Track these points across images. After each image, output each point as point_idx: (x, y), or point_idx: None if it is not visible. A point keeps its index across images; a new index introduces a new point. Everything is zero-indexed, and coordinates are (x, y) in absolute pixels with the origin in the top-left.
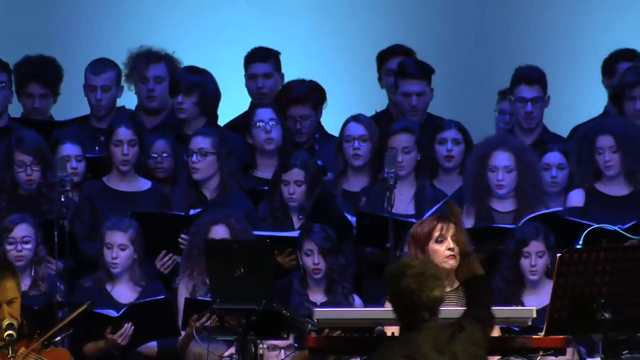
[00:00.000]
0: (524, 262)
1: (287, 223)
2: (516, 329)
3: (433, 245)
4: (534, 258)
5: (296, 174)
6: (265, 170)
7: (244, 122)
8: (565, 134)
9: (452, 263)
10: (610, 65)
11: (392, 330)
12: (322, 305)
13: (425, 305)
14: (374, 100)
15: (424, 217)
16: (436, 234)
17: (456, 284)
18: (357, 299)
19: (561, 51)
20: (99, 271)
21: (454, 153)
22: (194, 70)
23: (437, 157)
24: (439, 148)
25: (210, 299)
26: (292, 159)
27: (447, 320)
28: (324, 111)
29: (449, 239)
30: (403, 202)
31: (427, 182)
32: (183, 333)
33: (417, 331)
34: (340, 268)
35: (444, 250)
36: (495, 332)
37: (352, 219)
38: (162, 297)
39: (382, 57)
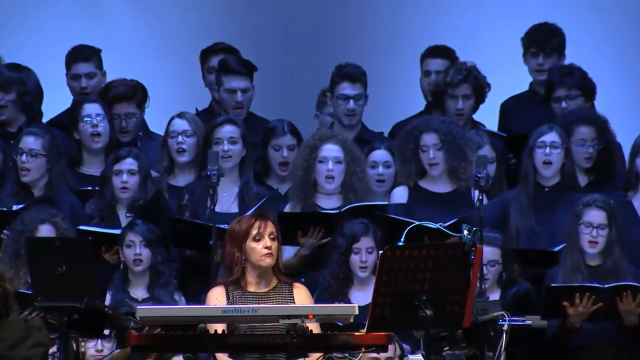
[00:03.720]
0: (354, 259)
1: (114, 221)
2: (341, 324)
3: (250, 244)
4: (364, 254)
5: (130, 163)
6: (91, 167)
7: (69, 118)
8: (380, 131)
9: (268, 261)
10: (422, 62)
11: (215, 327)
12: (144, 301)
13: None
14: (196, 99)
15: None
16: (254, 232)
17: (274, 283)
18: (180, 297)
19: (378, 50)
20: None
21: (289, 159)
22: (13, 67)
23: (271, 162)
24: (274, 154)
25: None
26: (123, 150)
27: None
28: (146, 110)
29: (266, 237)
30: (227, 200)
31: (251, 179)
32: None
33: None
34: (165, 260)
35: (261, 249)
36: (315, 329)
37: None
38: None
39: (205, 55)
